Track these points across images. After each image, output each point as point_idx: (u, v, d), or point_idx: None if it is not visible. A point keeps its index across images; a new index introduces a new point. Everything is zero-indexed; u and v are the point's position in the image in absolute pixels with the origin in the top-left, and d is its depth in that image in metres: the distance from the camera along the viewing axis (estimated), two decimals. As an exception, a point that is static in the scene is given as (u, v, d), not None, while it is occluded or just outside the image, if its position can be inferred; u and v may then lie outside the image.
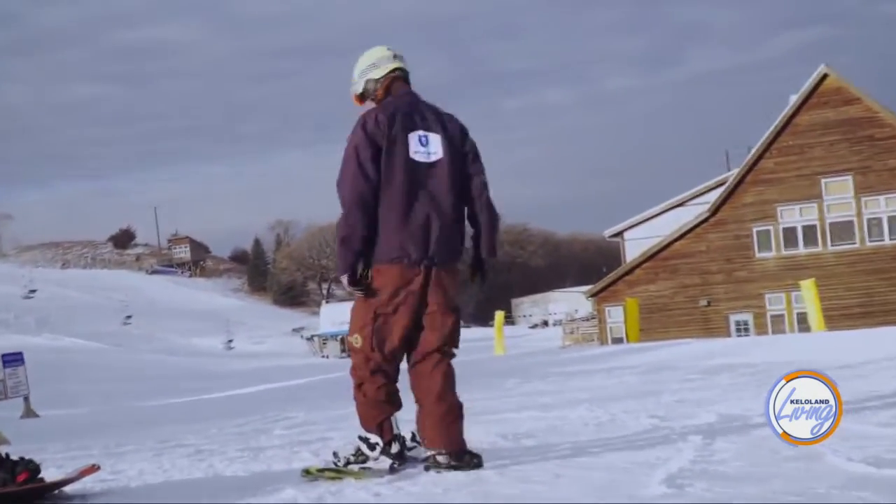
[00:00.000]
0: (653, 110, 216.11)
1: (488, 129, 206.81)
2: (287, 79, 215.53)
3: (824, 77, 36.15)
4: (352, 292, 5.20)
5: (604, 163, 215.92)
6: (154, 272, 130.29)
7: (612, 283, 39.31)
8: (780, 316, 36.02)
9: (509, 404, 9.59)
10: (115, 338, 73.86)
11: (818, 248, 36.13)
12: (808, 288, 26.82)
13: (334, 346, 76.91)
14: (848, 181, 35.85)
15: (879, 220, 35.76)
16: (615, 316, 38.70)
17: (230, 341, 78.49)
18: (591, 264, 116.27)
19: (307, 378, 22.43)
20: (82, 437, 9.57)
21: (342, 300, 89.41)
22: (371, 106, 5.24)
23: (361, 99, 5.33)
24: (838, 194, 35.97)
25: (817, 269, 33.65)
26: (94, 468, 5.30)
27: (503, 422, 7.57)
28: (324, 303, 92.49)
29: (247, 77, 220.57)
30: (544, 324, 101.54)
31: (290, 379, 22.60)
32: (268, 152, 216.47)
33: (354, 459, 5.07)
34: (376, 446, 5.03)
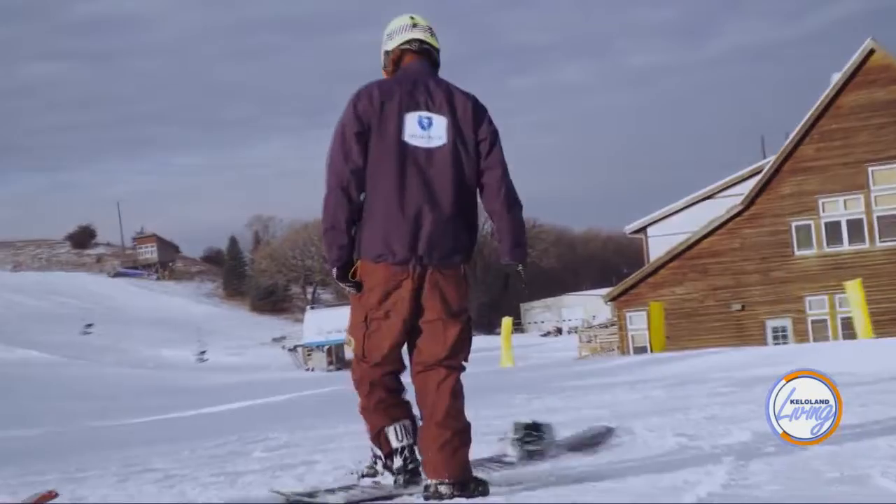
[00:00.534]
0: (681, 91, 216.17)
1: (495, 111, 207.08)
2: (271, 56, 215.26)
3: (871, 53, 36.17)
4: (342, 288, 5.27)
5: (625, 150, 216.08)
6: (117, 275, 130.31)
7: (634, 285, 39.36)
8: (823, 321, 36.04)
9: (518, 422, 9.58)
10: (74, 349, 73.90)
11: (865, 245, 36.16)
12: (853, 289, 26.77)
13: (320, 358, 77.07)
14: (898, 169, 35.87)
15: (934, 212, 35.80)
16: (637, 322, 38.74)
17: (203, 353, 78.44)
18: (611, 264, 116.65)
19: (290, 394, 22.42)
20: (38, 460, 9.58)
21: (329, 305, 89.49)
22: None
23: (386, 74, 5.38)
24: (887, 184, 35.99)
25: (863, 269, 33.63)
26: (51, 494, 5.30)
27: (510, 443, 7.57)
28: (308, 309, 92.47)
29: (224, 55, 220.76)
30: (558, 331, 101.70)
31: (270, 395, 22.58)
32: (247, 140, 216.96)
33: (367, 472, 5.21)
34: (378, 460, 5.12)
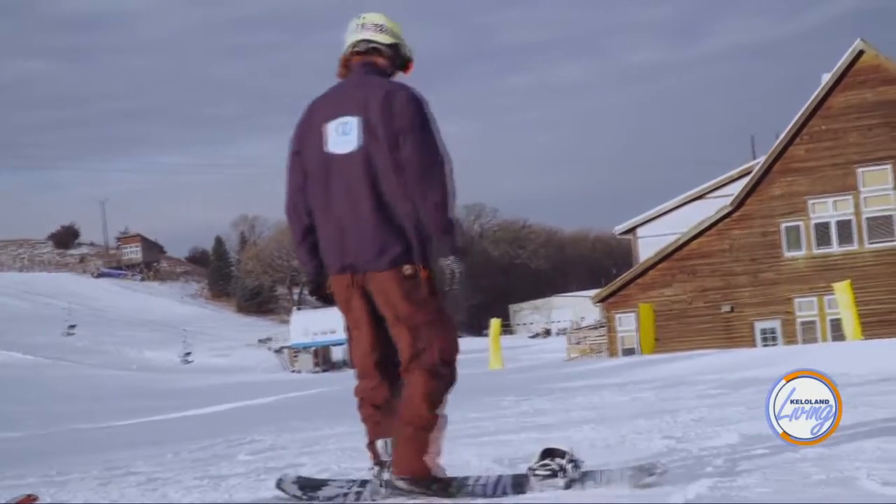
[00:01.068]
0: (674, 89, 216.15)
1: (488, 110, 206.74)
2: (259, 55, 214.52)
3: (860, 53, 36.31)
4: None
5: (616, 149, 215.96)
6: (101, 275, 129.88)
7: (624, 286, 39.42)
8: (812, 323, 36.17)
9: (506, 425, 9.61)
10: (56, 351, 73.67)
11: (854, 247, 36.31)
12: (842, 291, 26.89)
13: (307, 360, 76.98)
14: (887, 171, 36.05)
15: (923, 214, 35.93)
16: (626, 324, 38.82)
17: (188, 354, 78.31)
18: (600, 265, 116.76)
19: (276, 396, 22.42)
20: (19, 463, 9.55)
21: (316, 307, 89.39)
22: None
23: None
24: (877, 185, 36.14)
25: (853, 270, 33.76)
26: (31, 499, 5.29)
27: (499, 444, 7.59)
28: (295, 310, 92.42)
29: (211, 53, 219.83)
30: (546, 333, 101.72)
31: (256, 397, 22.56)
32: (234, 139, 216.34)
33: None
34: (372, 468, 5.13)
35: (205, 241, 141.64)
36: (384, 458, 5.03)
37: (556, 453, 4.96)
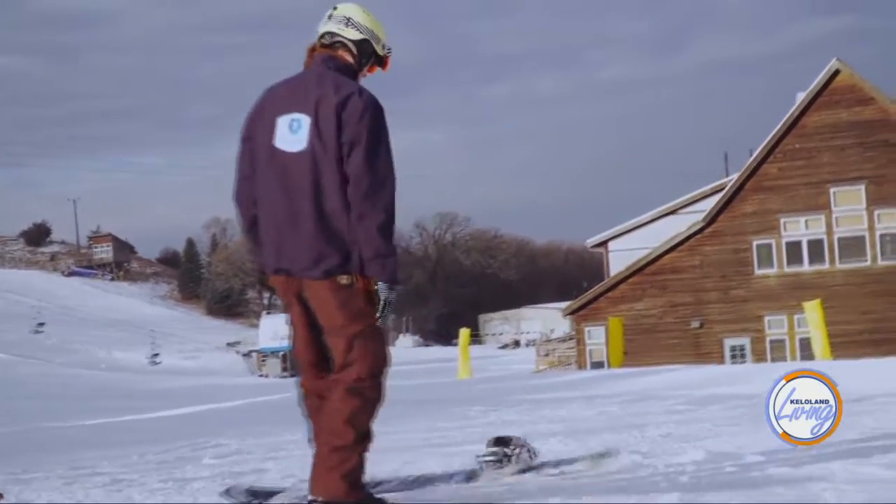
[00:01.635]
0: (648, 104, 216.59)
1: (463, 119, 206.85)
2: (235, 56, 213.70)
3: (836, 73, 36.49)
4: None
5: (589, 162, 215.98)
6: (71, 274, 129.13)
7: (594, 299, 39.48)
8: (781, 341, 36.29)
9: (472, 435, 9.59)
10: (25, 348, 73.14)
11: (825, 266, 36.47)
12: (812, 310, 26.97)
13: (275, 364, 76.64)
14: (860, 191, 36.22)
15: (895, 236, 36.11)
16: (596, 337, 38.85)
17: (156, 355, 77.93)
18: (571, 278, 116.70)
19: (243, 400, 22.33)
20: (-18, 461, 9.47)
21: (285, 311, 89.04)
22: None
23: None
24: (849, 205, 36.31)
25: (823, 290, 33.83)
26: (-5, 498, 5.26)
27: (464, 454, 7.57)
28: (264, 314, 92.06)
29: (188, 53, 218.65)
30: (516, 344, 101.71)
31: (223, 400, 22.47)
32: (209, 140, 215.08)
33: None
34: None
35: (176, 243, 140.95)
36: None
37: (505, 441, 4.92)
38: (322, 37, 5.15)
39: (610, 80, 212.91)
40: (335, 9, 5.17)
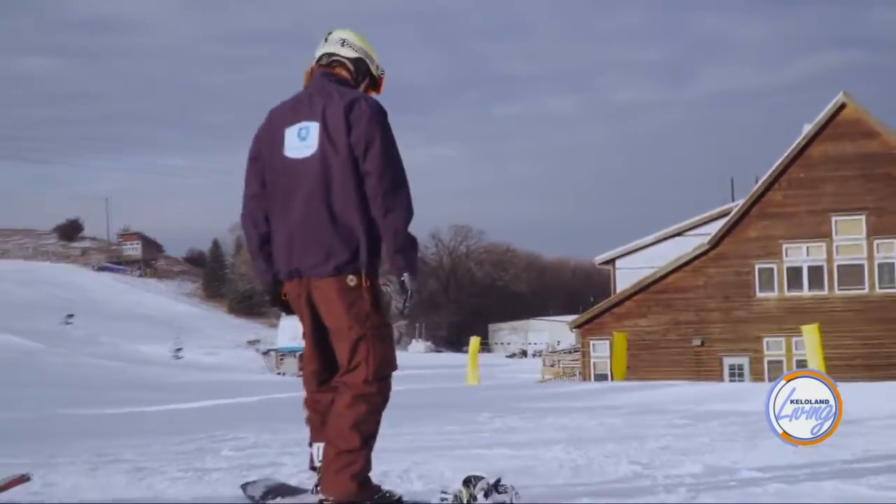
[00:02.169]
0: (659, 129, 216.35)
1: (478, 137, 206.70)
2: (259, 66, 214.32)
3: (842, 106, 36.41)
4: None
5: (601, 182, 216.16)
6: (101, 269, 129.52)
7: (600, 314, 39.41)
8: (779, 362, 36.14)
9: (480, 440, 9.59)
10: (54, 338, 73.36)
11: (824, 292, 36.34)
12: (810, 333, 26.85)
13: (292, 363, 76.64)
14: (861, 221, 36.10)
15: (892, 265, 36.00)
16: (600, 350, 38.77)
17: (179, 350, 77.97)
18: (578, 293, 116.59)
19: (261, 396, 22.34)
20: (12, 443, 9.50)
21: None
22: None
23: None
24: (850, 234, 36.20)
25: (822, 314, 33.69)
26: (23, 478, 5.27)
27: (472, 458, 7.58)
28: (283, 315, 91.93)
29: (216, 61, 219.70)
30: (523, 354, 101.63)
31: (242, 395, 22.47)
32: (235, 146, 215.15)
33: None
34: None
35: (202, 244, 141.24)
36: (316, 463, 5.03)
37: (477, 481, 4.89)
38: (319, 59, 5.21)
39: (622, 104, 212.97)
40: (330, 33, 5.25)
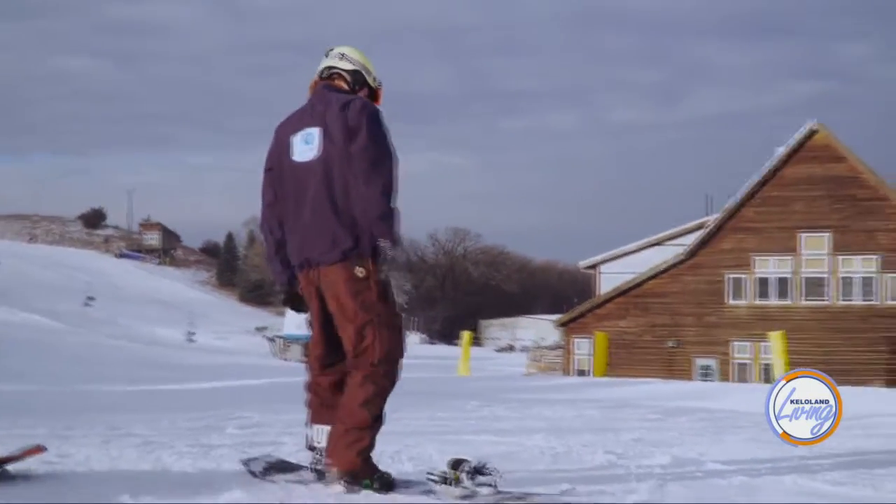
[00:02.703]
0: (647, 147, 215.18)
1: (481, 147, 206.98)
2: (281, 74, 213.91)
3: (814, 132, 36.50)
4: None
5: (590, 194, 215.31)
6: (122, 256, 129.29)
7: (583, 314, 39.43)
8: (746, 365, 36.21)
9: (468, 426, 9.60)
10: (75, 318, 73.16)
11: (790, 301, 36.40)
12: (776, 339, 26.92)
13: (297, 350, 76.51)
14: (825, 238, 36.17)
15: (852, 280, 36.09)
16: (582, 348, 38.81)
17: (192, 333, 77.85)
18: (563, 294, 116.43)
19: (266, 379, 22.31)
20: (29, 415, 9.47)
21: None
22: None
23: None
24: (815, 250, 36.28)
25: (787, 322, 33.70)
26: (39, 449, 5.24)
27: (460, 443, 7.58)
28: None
29: (240, 69, 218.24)
30: (510, 348, 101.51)
31: (248, 378, 22.44)
32: (251, 148, 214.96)
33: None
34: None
35: (217, 235, 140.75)
36: (314, 443, 5.03)
37: (462, 463, 4.87)
38: (321, 73, 5.29)
39: (617, 123, 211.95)
40: (331, 49, 5.34)
